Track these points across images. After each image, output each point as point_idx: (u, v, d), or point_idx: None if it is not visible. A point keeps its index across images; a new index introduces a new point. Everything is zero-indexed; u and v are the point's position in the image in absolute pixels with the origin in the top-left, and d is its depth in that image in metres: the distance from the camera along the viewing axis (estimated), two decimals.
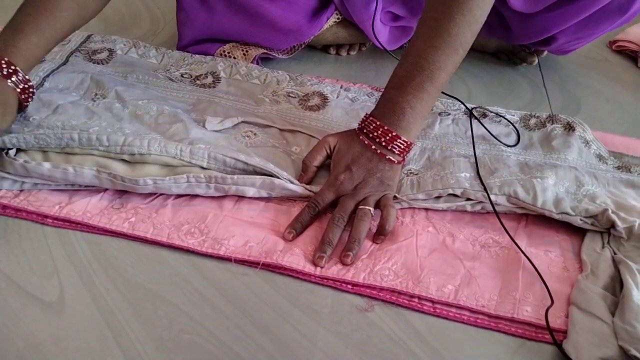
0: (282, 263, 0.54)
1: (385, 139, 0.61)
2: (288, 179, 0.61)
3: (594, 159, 0.70)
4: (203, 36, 0.86)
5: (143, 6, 1.06)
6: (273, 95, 0.77)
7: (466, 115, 0.75)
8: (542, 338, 0.50)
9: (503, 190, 0.61)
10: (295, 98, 0.77)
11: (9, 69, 0.60)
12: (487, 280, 0.55)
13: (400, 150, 0.62)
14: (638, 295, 0.51)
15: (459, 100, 0.78)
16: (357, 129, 0.64)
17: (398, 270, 0.55)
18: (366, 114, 0.64)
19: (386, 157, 0.61)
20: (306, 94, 0.78)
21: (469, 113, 0.75)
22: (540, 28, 0.84)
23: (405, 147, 0.62)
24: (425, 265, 0.55)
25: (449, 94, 0.78)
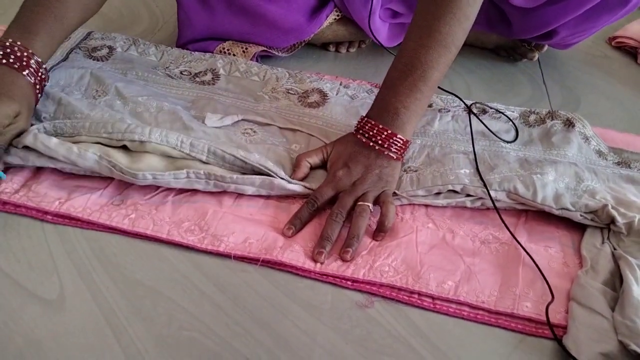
0: (282, 259, 0.54)
1: (381, 137, 0.61)
2: (286, 179, 0.61)
3: (593, 155, 0.70)
4: (203, 36, 0.85)
5: (142, 4, 1.06)
6: (272, 92, 0.77)
7: (466, 112, 0.75)
8: (542, 334, 0.50)
9: (503, 186, 0.61)
10: (294, 95, 0.77)
11: (36, 72, 0.62)
12: (487, 276, 0.55)
13: (398, 148, 0.62)
14: (638, 290, 0.51)
15: (457, 97, 0.78)
16: (354, 130, 0.64)
17: (398, 266, 0.55)
18: (362, 116, 0.64)
19: (384, 153, 0.61)
20: (305, 91, 0.78)
21: (468, 110, 0.75)
22: (541, 22, 0.84)
23: (402, 145, 0.62)
24: (425, 262, 0.55)
25: (448, 90, 0.78)
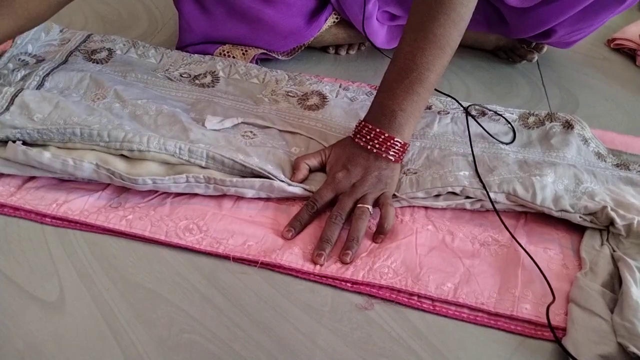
0: (281, 262, 0.54)
1: (379, 140, 0.61)
2: (286, 182, 0.61)
3: (592, 156, 0.70)
4: (203, 41, 0.86)
5: (141, 6, 1.06)
6: (272, 94, 0.77)
7: (464, 114, 0.75)
8: (542, 335, 0.50)
9: (502, 188, 0.61)
10: (294, 97, 0.77)
11: None
12: (487, 278, 0.55)
13: (396, 151, 0.62)
14: (637, 292, 0.51)
15: (454, 99, 0.78)
16: (352, 134, 0.65)
17: (397, 268, 0.55)
18: (359, 120, 0.64)
19: (383, 156, 0.61)
20: (305, 93, 0.78)
21: (465, 112, 0.75)
22: (539, 21, 0.84)
23: (400, 148, 0.62)
24: (425, 263, 0.56)
25: (446, 93, 0.79)
